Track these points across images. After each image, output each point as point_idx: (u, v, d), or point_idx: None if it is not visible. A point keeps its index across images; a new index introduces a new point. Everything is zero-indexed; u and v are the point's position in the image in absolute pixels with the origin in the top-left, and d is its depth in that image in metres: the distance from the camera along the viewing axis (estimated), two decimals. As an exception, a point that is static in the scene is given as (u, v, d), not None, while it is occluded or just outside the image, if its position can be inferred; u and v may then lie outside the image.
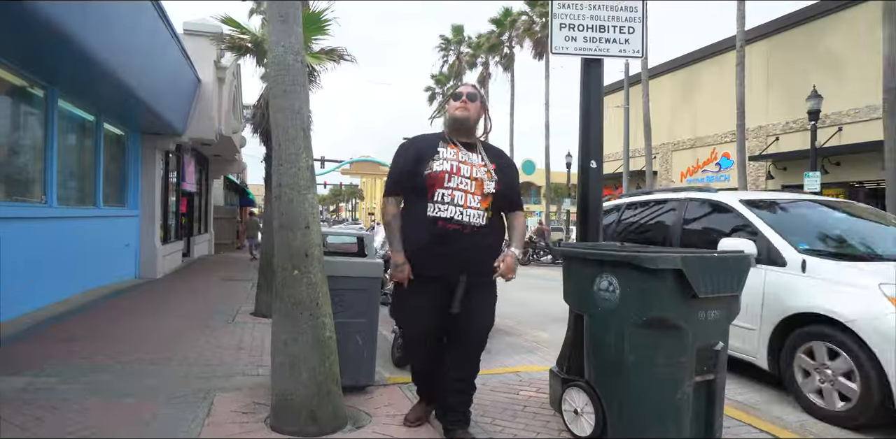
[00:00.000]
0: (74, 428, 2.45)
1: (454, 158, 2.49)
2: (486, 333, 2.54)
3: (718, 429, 2.33)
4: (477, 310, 2.47)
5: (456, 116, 2.55)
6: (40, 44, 4.58)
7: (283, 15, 2.84)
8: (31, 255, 5.25)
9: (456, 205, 2.42)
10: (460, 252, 2.41)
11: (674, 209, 4.45)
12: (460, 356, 2.52)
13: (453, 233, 2.40)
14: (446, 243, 2.40)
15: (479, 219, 2.44)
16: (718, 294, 2.22)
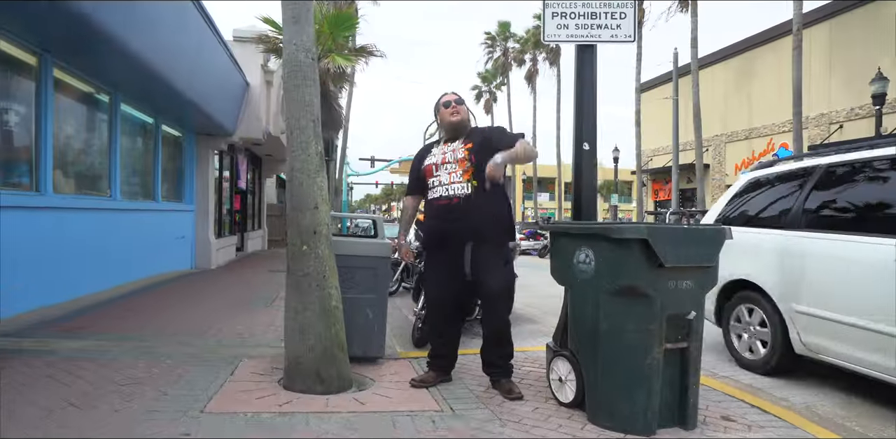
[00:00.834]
0: (121, 378, 2.83)
1: (440, 153, 3.01)
2: (504, 291, 2.88)
3: (693, 396, 2.40)
4: (488, 273, 2.82)
5: (452, 121, 3.00)
6: (105, 55, 5.15)
7: (296, 16, 3.13)
8: (97, 243, 5.87)
9: (442, 185, 2.92)
10: (455, 221, 2.84)
11: None
12: (488, 313, 2.95)
13: (445, 207, 2.89)
14: (442, 217, 2.90)
15: (463, 190, 2.84)
16: (687, 264, 2.30)
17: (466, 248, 2.85)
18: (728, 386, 3.24)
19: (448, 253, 2.91)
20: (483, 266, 2.83)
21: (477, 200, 2.81)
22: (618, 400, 2.35)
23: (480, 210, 2.82)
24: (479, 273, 2.83)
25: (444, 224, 2.90)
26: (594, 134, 3.09)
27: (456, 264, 2.89)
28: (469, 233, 2.83)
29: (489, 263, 2.84)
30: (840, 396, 3.23)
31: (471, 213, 2.81)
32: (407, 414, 2.51)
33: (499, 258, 2.89)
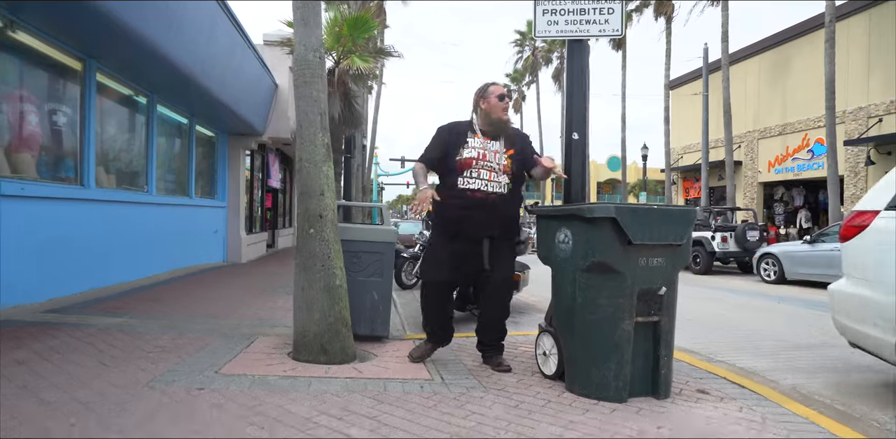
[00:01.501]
0: (149, 347, 3.16)
1: (480, 147, 3.01)
2: (509, 283, 3.07)
3: (665, 367, 2.54)
4: (499, 266, 3.02)
5: (501, 118, 3.00)
6: (144, 60, 5.58)
7: (305, 19, 3.40)
8: (135, 234, 6.33)
9: (481, 179, 2.96)
10: (486, 216, 2.94)
11: None
12: (492, 301, 3.10)
13: (480, 200, 2.94)
14: (472, 208, 2.93)
15: (500, 189, 2.97)
16: (656, 242, 2.44)
17: (485, 242, 2.98)
18: (716, 366, 3.35)
19: (465, 241, 2.97)
20: (497, 259, 3.01)
21: (507, 202, 3.00)
22: (591, 369, 2.51)
23: (505, 208, 3.01)
24: (493, 265, 3.00)
25: (475, 214, 2.93)
26: (584, 124, 3.24)
27: (471, 253, 2.97)
28: (495, 227, 2.97)
29: (502, 257, 3.04)
30: (835, 381, 3.29)
31: (501, 211, 2.98)
32: (399, 381, 2.74)
33: (511, 253, 3.12)
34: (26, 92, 4.59)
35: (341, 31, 6.48)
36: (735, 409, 2.45)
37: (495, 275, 3.01)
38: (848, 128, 14.34)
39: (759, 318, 5.71)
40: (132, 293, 5.43)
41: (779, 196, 18.15)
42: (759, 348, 4.20)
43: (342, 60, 6.98)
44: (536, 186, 39.74)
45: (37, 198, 4.45)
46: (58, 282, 4.75)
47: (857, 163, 14.19)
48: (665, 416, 2.32)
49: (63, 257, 4.81)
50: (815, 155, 15.62)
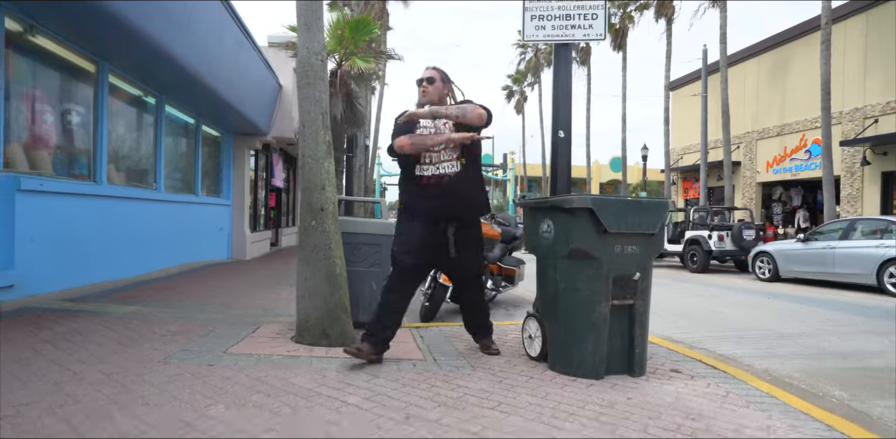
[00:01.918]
0: (162, 332, 3.38)
1: (432, 126, 3.07)
2: (477, 266, 3.20)
3: (639, 347, 2.75)
4: (466, 258, 3.08)
5: (420, 100, 3.17)
6: (154, 62, 5.81)
7: (308, 24, 3.62)
8: (144, 229, 6.57)
9: (433, 163, 3.01)
10: (445, 200, 2.96)
11: None
12: (467, 288, 3.23)
13: (436, 185, 2.98)
14: (432, 194, 2.98)
15: (453, 168, 2.98)
16: (630, 231, 2.65)
17: (450, 227, 2.98)
18: (695, 352, 3.54)
19: (431, 227, 2.99)
20: (465, 247, 3.02)
21: (464, 178, 2.97)
22: (570, 349, 2.72)
23: (467, 188, 3.00)
24: (461, 253, 3.01)
25: (434, 202, 2.96)
26: (568, 123, 3.45)
27: (432, 233, 2.98)
28: (455, 209, 2.98)
29: (469, 246, 3.07)
30: (808, 366, 3.48)
31: (459, 191, 2.95)
32: (394, 361, 2.95)
33: (478, 241, 3.16)
34: (43, 92, 4.83)
35: (343, 34, 6.69)
36: (703, 386, 2.65)
37: (465, 270, 3.12)
38: (845, 129, 14.49)
39: (749, 313, 5.89)
40: (143, 285, 5.66)
41: (777, 196, 18.29)
42: (742, 338, 4.39)
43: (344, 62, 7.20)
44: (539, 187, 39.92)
45: (53, 194, 4.68)
46: (73, 272, 4.98)
47: (853, 164, 14.34)
48: (636, 390, 2.52)
49: (78, 250, 5.04)
50: (813, 155, 15.76)
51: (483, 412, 2.15)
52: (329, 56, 7.73)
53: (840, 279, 8.70)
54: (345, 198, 4.50)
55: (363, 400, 2.23)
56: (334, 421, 1.98)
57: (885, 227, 8.48)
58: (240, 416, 1.98)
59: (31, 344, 2.88)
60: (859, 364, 3.56)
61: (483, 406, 2.22)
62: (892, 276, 7.77)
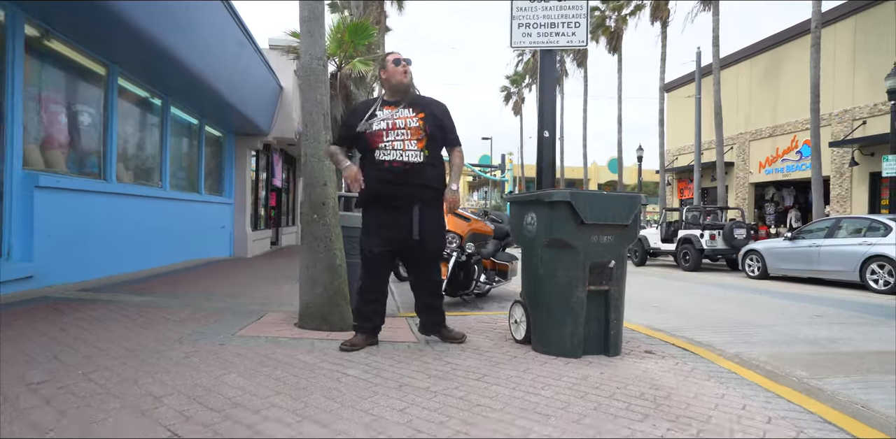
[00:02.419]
0: (175, 318, 3.63)
1: (388, 117, 2.99)
2: (438, 253, 3.16)
3: (614, 329, 3.00)
4: (428, 235, 3.00)
5: (402, 81, 3.01)
6: (160, 65, 6.06)
7: (311, 32, 3.88)
8: (151, 225, 6.81)
9: (396, 149, 2.94)
10: (407, 186, 2.94)
11: None
12: (427, 269, 3.12)
13: (399, 169, 2.93)
14: (394, 180, 2.93)
15: (417, 158, 2.93)
16: (604, 222, 2.90)
17: (415, 210, 2.96)
18: (672, 338, 3.79)
19: (395, 212, 2.98)
20: (428, 229, 2.99)
21: (427, 167, 2.97)
22: (551, 330, 2.97)
23: (428, 176, 2.98)
24: (423, 234, 2.98)
25: (395, 186, 2.94)
26: (553, 123, 3.71)
27: (397, 221, 2.97)
28: (419, 197, 2.97)
29: (433, 227, 3.03)
30: (777, 351, 3.73)
31: (422, 178, 2.95)
32: (390, 342, 3.20)
33: (441, 223, 3.11)
34: (57, 95, 5.08)
35: (343, 38, 6.95)
36: (672, 364, 2.91)
37: (426, 244, 3.00)
38: (834, 130, 14.78)
39: (733, 308, 6.15)
40: (151, 278, 5.91)
41: (769, 196, 18.59)
42: (721, 328, 4.65)
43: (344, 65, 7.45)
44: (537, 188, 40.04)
45: (68, 191, 4.92)
46: (86, 266, 5.22)
47: (842, 164, 14.62)
48: (609, 367, 2.78)
49: (89, 244, 5.29)
50: (804, 156, 16.05)
51: (468, 382, 2.40)
52: (329, 59, 7.98)
53: (825, 276, 8.96)
54: (344, 194, 4.74)
55: (361, 372, 2.48)
56: (335, 388, 2.23)
57: (867, 226, 8.75)
58: (251, 383, 2.23)
59: (57, 326, 3.12)
60: (825, 349, 3.81)
61: (469, 378, 2.47)
62: (873, 273, 8.04)
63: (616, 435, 1.84)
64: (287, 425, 1.81)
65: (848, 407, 2.41)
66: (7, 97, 4.19)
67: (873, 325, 4.86)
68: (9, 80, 4.20)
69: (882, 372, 3.16)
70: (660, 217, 15.69)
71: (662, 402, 2.22)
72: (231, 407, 1.95)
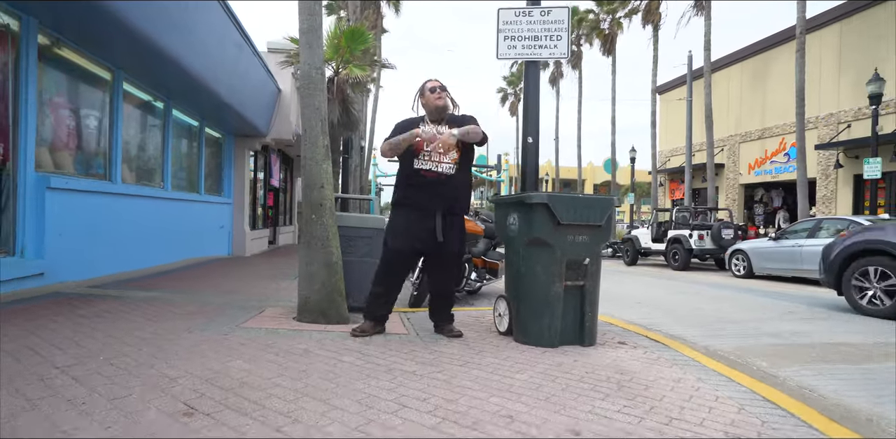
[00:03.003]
0: (181, 312, 3.87)
1: (431, 131, 3.39)
2: (457, 257, 3.50)
3: (589, 320, 3.26)
4: (451, 239, 3.37)
5: (438, 105, 3.41)
6: (163, 69, 6.29)
7: (310, 43, 4.12)
8: (154, 225, 7.04)
9: (432, 160, 3.36)
10: (437, 192, 3.32)
11: None
12: (442, 273, 3.45)
13: (434, 180, 3.33)
14: (427, 186, 3.33)
15: (449, 170, 3.35)
16: (580, 222, 3.16)
17: (438, 216, 3.30)
18: (647, 331, 4.06)
19: (422, 215, 3.33)
20: (448, 234, 3.34)
21: (458, 179, 3.37)
22: (530, 322, 3.23)
23: (457, 187, 3.38)
24: (445, 238, 3.32)
25: (427, 191, 3.32)
26: (537, 130, 3.96)
27: (423, 225, 3.31)
28: (445, 204, 3.33)
29: (454, 231, 3.38)
30: (743, 344, 4.00)
31: (451, 188, 3.34)
32: (383, 335, 3.45)
33: (461, 230, 3.45)
34: (66, 99, 5.31)
35: (340, 43, 7.19)
36: (641, 353, 3.17)
37: (447, 247, 3.33)
38: (820, 133, 15.12)
39: (717, 305, 6.43)
40: (156, 276, 6.14)
41: (759, 197, 18.93)
42: (696, 323, 4.92)
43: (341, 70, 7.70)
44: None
45: (76, 192, 5.15)
46: (94, 263, 5.46)
47: (828, 166, 14.96)
48: (583, 355, 3.04)
49: (96, 243, 5.52)
50: (791, 158, 16.38)
51: (452, 367, 2.65)
52: (326, 64, 8.22)
53: (807, 275, 9.25)
54: (340, 195, 5.00)
55: (355, 359, 2.73)
56: (331, 371, 2.48)
57: (847, 227, 9.04)
58: (256, 367, 2.48)
59: (72, 319, 3.37)
60: (787, 341, 4.09)
61: (453, 363, 2.73)
62: (851, 272, 8.32)
63: (578, 410, 2.10)
64: (289, 401, 2.05)
65: (795, 391, 2.67)
66: (21, 104, 4.42)
67: (836, 321, 5.14)
68: (23, 88, 4.43)
69: (832, 362, 3.43)
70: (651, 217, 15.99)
71: (625, 385, 2.48)
72: (239, 386, 2.20)
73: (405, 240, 3.37)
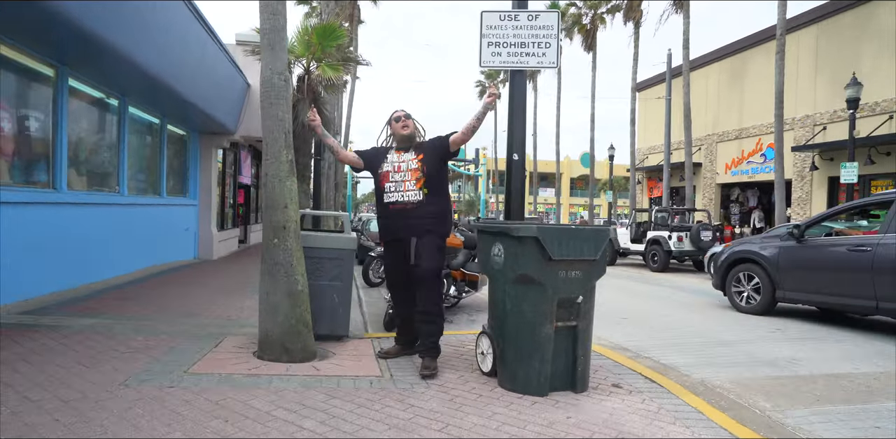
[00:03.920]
0: (122, 349, 3.43)
1: (396, 161, 3.52)
2: (432, 273, 3.35)
3: (581, 364, 2.95)
4: (424, 258, 3.34)
5: (403, 134, 3.54)
6: (114, 66, 5.73)
7: (272, 44, 3.68)
8: (108, 234, 6.49)
9: (398, 191, 3.44)
10: (407, 221, 3.39)
11: None
12: (420, 292, 3.37)
13: (400, 210, 3.42)
14: (397, 217, 3.44)
15: (416, 197, 3.39)
16: (573, 258, 2.83)
17: (412, 241, 3.38)
18: (637, 363, 3.78)
19: (399, 245, 3.46)
20: (420, 253, 3.34)
21: (426, 205, 3.38)
22: (517, 367, 2.90)
23: (427, 211, 3.39)
24: (417, 258, 3.35)
25: (398, 222, 3.44)
26: (523, 146, 3.62)
27: (404, 253, 3.43)
28: (417, 230, 3.38)
29: (425, 250, 3.34)
30: (739, 375, 3.75)
31: (420, 215, 3.37)
32: (352, 378, 3.08)
33: (434, 247, 3.38)
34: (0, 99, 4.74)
35: (311, 40, 6.70)
36: (638, 402, 2.88)
37: (420, 267, 3.32)
38: (796, 135, 15.16)
39: (697, 318, 6.22)
40: (105, 292, 5.63)
41: (735, 197, 19.03)
42: (686, 346, 4.66)
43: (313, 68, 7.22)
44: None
45: (12, 204, 4.61)
46: (34, 283, 4.93)
47: (803, 168, 15.03)
48: (576, 408, 2.73)
49: (38, 259, 4.99)
50: (767, 159, 16.44)
51: (430, 433, 2.31)
52: (297, 61, 7.70)
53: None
54: (308, 212, 4.58)
55: (318, 423, 2.36)
56: (289, 447, 2.11)
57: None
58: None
59: (-12, 365, 2.91)
60: (785, 373, 3.86)
61: (431, 427, 2.38)
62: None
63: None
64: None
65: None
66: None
67: (826, 342, 4.97)
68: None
69: (835, 402, 3.21)
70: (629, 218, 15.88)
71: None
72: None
73: (395, 272, 3.59)
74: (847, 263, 5.37)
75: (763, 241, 6.60)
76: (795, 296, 5.94)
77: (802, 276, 5.85)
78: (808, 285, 5.78)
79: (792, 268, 5.94)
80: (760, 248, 6.39)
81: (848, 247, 5.43)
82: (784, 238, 6.15)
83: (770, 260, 6.16)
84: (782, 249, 6.10)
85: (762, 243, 6.53)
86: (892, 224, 5.17)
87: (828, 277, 5.59)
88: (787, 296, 6.03)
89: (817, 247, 5.81)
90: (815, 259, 5.74)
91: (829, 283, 5.58)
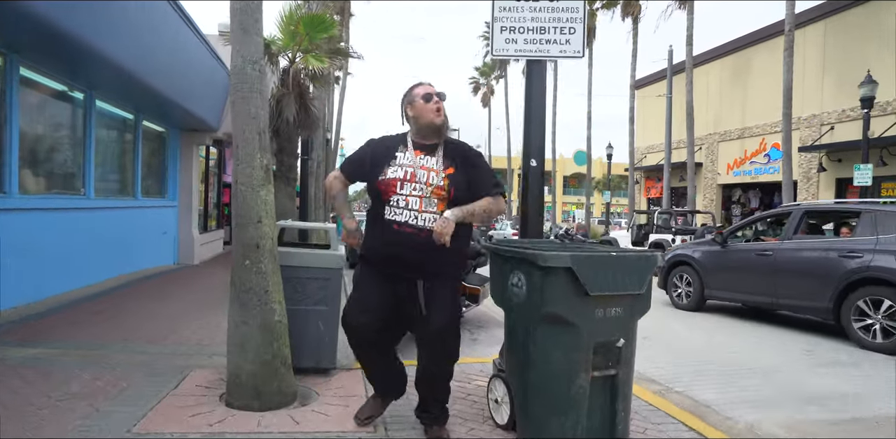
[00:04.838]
0: (57, 395, 2.83)
1: (409, 164, 2.40)
2: (447, 332, 2.43)
3: (621, 422, 2.40)
4: (437, 310, 2.39)
5: (435, 123, 2.40)
6: (73, 56, 5.10)
7: (244, 26, 3.09)
8: (70, 242, 5.86)
9: (409, 210, 2.36)
10: (417, 255, 2.35)
11: None
12: (430, 353, 2.47)
13: (408, 237, 2.34)
14: (401, 246, 2.36)
15: (434, 223, 2.32)
16: (614, 292, 2.28)
17: (419, 282, 2.40)
18: (673, 405, 3.25)
19: (395, 282, 2.44)
20: (433, 302, 2.39)
21: None
22: (545, 426, 2.34)
23: (450, 247, 2.31)
24: (429, 309, 2.40)
25: (403, 254, 2.37)
26: (542, 151, 3.06)
27: (404, 295, 2.44)
28: (429, 268, 2.39)
29: (440, 299, 2.40)
30: (789, 418, 3.23)
31: (437, 249, 2.29)
32: (337, 435, 2.51)
33: (453, 293, 2.50)
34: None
35: (297, 30, 6.12)
36: (691, 467, 2.34)
37: (432, 322, 2.38)
38: (802, 135, 14.74)
39: (716, 338, 5.72)
40: (63, 309, 5.01)
41: (736, 198, 18.64)
42: (720, 376, 4.12)
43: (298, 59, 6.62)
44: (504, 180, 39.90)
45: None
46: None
47: (810, 169, 14.62)
48: (618, 481, 2.18)
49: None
50: (772, 159, 16.03)
51: None
52: (281, 53, 7.10)
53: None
54: (288, 225, 3.99)
55: (290, 518, 1.80)
56: None
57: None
58: None
59: None
60: (842, 415, 3.34)
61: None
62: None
63: None
64: None
65: None
66: None
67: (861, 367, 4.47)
68: None
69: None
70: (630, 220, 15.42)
71: None
72: None
73: (365, 314, 2.44)
74: (755, 266, 6.05)
75: (696, 246, 7.27)
76: (719, 295, 6.62)
77: (724, 277, 6.52)
78: (728, 285, 6.46)
79: (716, 270, 6.62)
80: (693, 252, 7.06)
81: (756, 252, 6.11)
82: (710, 243, 6.82)
83: (700, 262, 6.82)
84: (709, 253, 6.76)
85: (695, 247, 7.19)
86: (788, 232, 5.93)
87: (742, 278, 6.26)
88: (713, 295, 6.69)
89: (735, 252, 6.46)
90: (733, 262, 6.41)
91: (743, 283, 6.25)
